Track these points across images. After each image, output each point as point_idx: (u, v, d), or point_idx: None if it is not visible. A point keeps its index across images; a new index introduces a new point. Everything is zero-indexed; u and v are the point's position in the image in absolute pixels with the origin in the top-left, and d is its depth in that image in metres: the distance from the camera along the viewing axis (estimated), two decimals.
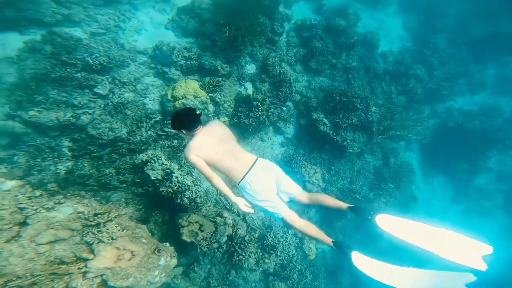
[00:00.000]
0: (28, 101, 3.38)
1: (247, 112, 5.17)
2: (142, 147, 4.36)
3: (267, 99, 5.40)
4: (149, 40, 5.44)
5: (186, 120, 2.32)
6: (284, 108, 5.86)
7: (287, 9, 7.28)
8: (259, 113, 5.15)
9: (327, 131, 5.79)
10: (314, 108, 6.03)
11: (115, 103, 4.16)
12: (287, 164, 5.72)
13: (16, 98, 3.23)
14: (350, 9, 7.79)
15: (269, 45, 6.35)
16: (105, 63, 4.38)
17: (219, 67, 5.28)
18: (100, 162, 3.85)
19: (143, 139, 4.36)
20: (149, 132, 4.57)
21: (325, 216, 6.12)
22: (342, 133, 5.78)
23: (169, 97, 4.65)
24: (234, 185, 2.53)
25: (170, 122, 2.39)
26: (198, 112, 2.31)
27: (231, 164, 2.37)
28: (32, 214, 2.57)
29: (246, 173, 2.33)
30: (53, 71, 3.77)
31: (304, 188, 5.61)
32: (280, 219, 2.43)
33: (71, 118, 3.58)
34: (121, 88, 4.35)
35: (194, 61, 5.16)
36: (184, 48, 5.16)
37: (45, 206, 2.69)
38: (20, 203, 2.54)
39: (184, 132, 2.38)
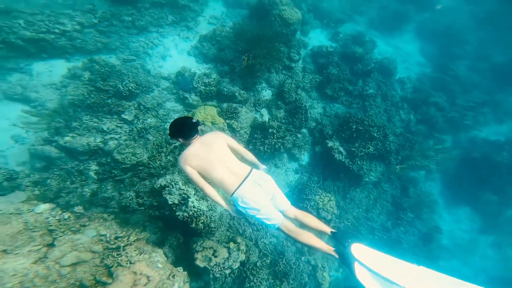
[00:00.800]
0: (65, 127, 3.75)
1: (262, 139, 5.34)
2: (161, 172, 4.59)
3: (282, 127, 5.56)
4: (173, 66, 5.90)
5: (183, 128, 2.36)
6: (299, 135, 5.99)
7: (303, 36, 7.66)
8: (274, 140, 5.30)
9: (343, 160, 5.81)
10: (329, 136, 6.10)
11: (139, 129, 4.48)
12: (301, 191, 5.74)
13: (55, 125, 3.60)
14: (366, 36, 8.05)
15: (285, 71, 6.63)
16: (133, 89, 4.79)
17: (236, 94, 5.57)
18: (121, 185, 4.10)
19: (162, 164, 4.61)
20: (168, 157, 4.81)
21: None
22: (358, 162, 5.77)
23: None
24: (228, 197, 2.52)
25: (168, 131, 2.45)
26: (194, 120, 2.36)
27: (224, 175, 2.36)
28: (60, 236, 2.77)
29: (239, 185, 2.33)
30: (88, 97, 4.18)
31: (318, 215, 5.61)
32: (277, 229, 2.45)
33: (100, 143, 3.90)
34: (145, 114, 4.70)
35: (213, 87, 5.49)
36: (204, 74, 5.54)
37: (72, 229, 2.91)
38: (50, 225, 2.76)
39: (181, 140, 2.43)
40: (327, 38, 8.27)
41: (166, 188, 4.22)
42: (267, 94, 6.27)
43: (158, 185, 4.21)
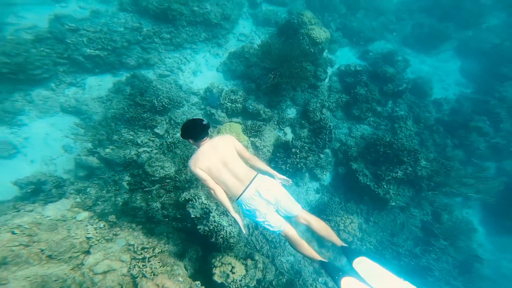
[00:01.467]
0: (107, 139, 4.18)
1: (284, 158, 5.40)
2: (186, 185, 4.86)
3: (305, 146, 5.59)
4: (202, 81, 6.27)
5: (194, 129, 2.44)
6: (322, 156, 5.96)
7: (331, 54, 7.67)
8: (297, 160, 5.34)
9: (368, 183, 5.66)
10: (354, 158, 5.99)
11: (169, 143, 4.81)
12: (322, 211, 5.67)
13: (99, 137, 4.04)
14: (399, 55, 7.83)
15: (311, 90, 6.68)
16: (166, 104, 5.17)
17: (261, 111, 5.73)
18: (149, 196, 4.41)
19: (188, 178, 4.87)
20: None
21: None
22: (385, 186, 5.58)
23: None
24: (233, 200, 2.59)
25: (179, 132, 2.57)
26: (205, 122, 2.45)
27: (230, 179, 2.43)
28: (95, 244, 3.08)
29: (244, 191, 2.39)
30: (128, 111, 4.61)
31: (339, 236, 5.46)
32: (279, 235, 2.53)
33: (134, 156, 4.27)
34: (174, 128, 5.04)
35: (239, 104, 5.72)
36: (231, 91, 5.79)
37: (106, 237, 3.20)
38: (88, 233, 3.08)
39: (191, 141, 2.53)
40: (355, 56, 8.19)
41: (190, 202, 4.46)
42: (291, 112, 6.37)
43: (183, 199, 4.46)
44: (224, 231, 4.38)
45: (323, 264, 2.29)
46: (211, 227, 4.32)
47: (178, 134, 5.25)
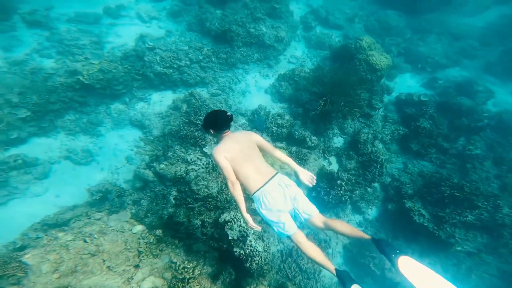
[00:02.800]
0: (162, 155, 4.62)
1: (327, 189, 5.25)
2: (226, 205, 5.04)
3: (352, 179, 5.35)
4: (250, 102, 6.50)
5: (217, 120, 2.49)
6: (369, 189, 5.63)
7: (389, 81, 7.25)
8: (342, 192, 5.15)
9: (425, 223, 5.20)
10: (408, 196, 5.54)
11: (214, 163, 5.06)
12: (363, 247, 5.37)
13: (157, 152, 4.49)
14: (479, 85, 6.95)
15: (362, 119, 6.39)
16: None
17: (307, 139, 5.68)
18: (191, 213, 4.69)
19: (228, 198, 5.06)
20: None
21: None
22: (448, 229, 5.06)
23: None
24: (248, 195, 2.57)
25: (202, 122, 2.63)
26: (228, 114, 2.50)
27: (250, 173, 2.43)
28: (144, 259, 3.38)
29: (263, 185, 2.39)
30: (182, 129, 5.02)
31: (383, 275, 5.04)
32: (287, 238, 2.44)
33: (183, 173, 4.61)
34: None
35: (285, 129, 5.76)
36: (278, 115, 5.88)
37: (153, 253, 3.50)
38: (140, 247, 3.40)
39: (212, 132, 2.56)
40: (419, 84, 7.58)
41: (229, 223, 4.61)
42: (338, 141, 6.18)
43: (222, 220, 4.63)
44: (259, 257, 4.42)
45: (337, 271, 2.22)
46: (247, 251, 4.39)
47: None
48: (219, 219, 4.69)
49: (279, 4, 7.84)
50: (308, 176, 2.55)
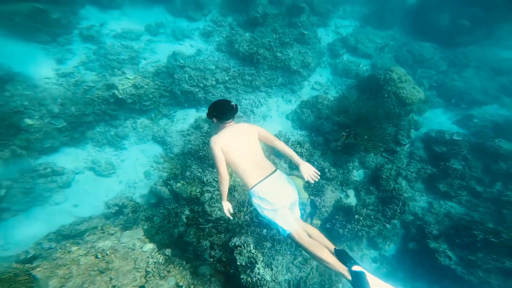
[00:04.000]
0: (180, 173, 4.80)
1: (343, 222, 5.15)
2: (237, 229, 5.05)
3: (371, 215, 5.18)
4: (271, 127, 6.60)
5: (221, 108, 2.53)
6: (388, 226, 5.44)
7: (417, 115, 7.03)
8: (358, 227, 5.05)
9: (452, 266, 4.94)
10: (433, 237, 5.32)
11: (230, 186, 5.14)
12: None
13: (175, 171, 4.68)
14: None
15: (386, 154, 6.23)
16: None
17: (326, 170, 5.64)
18: (201, 234, 4.75)
19: (240, 222, 5.07)
20: (246, 216, 5.27)
21: None
22: (481, 275, 4.78)
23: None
24: (246, 190, 2.66)
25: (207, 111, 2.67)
26: (233, 103, 2.55)
27: (248, 167, 2.42)
28: (151, 280, 3.45)
29: (261, 180, 2.36)
30: (202, 149, 5.20)
31: None
32: (287, 235, 2.34)
33: (198, 193, 4.74)
34: None
35: (304, 158, 5.73)
36: (298, 143, 5.90)
37: (161, 274, 3.57)
38: (148, 267, 3.49)
39: (215, 121, 2.60)
40: (451, 121, 7.28)
41: (238, 248, 4.60)
42: (358, 174, 6.09)
43: (232, 244, 4.64)
44: (267, 286, 4.32)
45: (352, 272, 2.10)
46: (255, 279, 4.33)
47: (239, 179, 5.59)
48: (229, 243, 4.71)
49: (308, 31, 8.09)
50: (310, 171, 2.42)
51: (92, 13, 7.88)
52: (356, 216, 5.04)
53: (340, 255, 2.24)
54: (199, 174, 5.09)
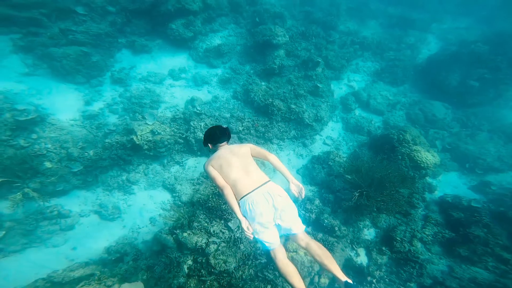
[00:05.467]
0: (188, 223, 4.95)
1: (355, 283, 4.97)
2: (240, 284, 4.98)
3: (386, 278, 5.10)
4: (280, 181, 6.73)
5: (214, 134, 2.77)
6: None
7: (431, 178, 7.14)
8: None
9: None
10: None
11: (236, 238, 5.21)
12: None
13: (183, 221, 4.84)
14: None
15: (399, 216, 6.21)
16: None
17: (336, 228, 5.68)
18: (202, 286, 4.71)
19: (244, 276, 5.04)
20: (250, 270, 5.23)
21: None
22: None
23: None
24: (237, 201, 2.57)
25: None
26: (224, 126, 2.79)
27: (240, 177, 2.54)
28: None
29: (251, 192, 2.44)
30: (211, 200, 5.40)
31: None
32: (267, 251, 2.45)
33: (204, 244, 4.83)
34: None
35: (313, 215, 5.85)
36: (307, 199, 6.04)
37: None
38: None
39: (210, 146, 2.82)
40: (467, 186, 7.35)
41: None
42: (369, 233, 6.11)
43: None
44: None
45: None
46: None
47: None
48: None
49: (322, 84, 8.74)
50: (298, 188, 2.76)
51: (126, 56, 8.84)
52: (369, 278, 5.04)
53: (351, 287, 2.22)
54: (206, 224, 5.22)
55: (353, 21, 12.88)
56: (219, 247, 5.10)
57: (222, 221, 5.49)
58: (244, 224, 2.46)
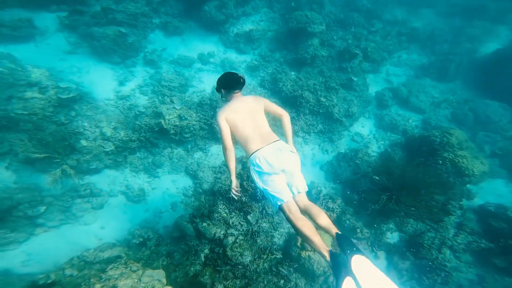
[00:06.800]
0: (208, 213, 5.20)
1: None
2: (254, 276, 5.18)
3: (406, 283, 5.07)
4: (304, 176, 6.74)
5: (229, 79, 2.87)
6: None
7: (471, 184, 6.62)
8: None
9: None
10: None
11: (253, 231, 5.37)
12: None
13: (203, 211, 5.09)
14: None
15: (429, 221, 5.92)
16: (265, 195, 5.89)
17: (358, 230, 5.66)
18: (217, 276, 4.98)
19: (258, 269, 5.22)
20: (265, 264, 5.39)
21: None
22: None
23: (298, 243, 5.37)
24: (246, 156, 2.76)
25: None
26: (240, 75, 2.89)
27: (251, 133, 2.66)
28: None
29: (262, 147, 2.56)
30: (229, 190, 5.55)
31: None
32: (278, 207, 2.47)
33: (222, 235, 5.05)
34: (263, 218, 5.60)
35: (334, 214, 5.82)
36: (330, 197, 6.01)
37: None
38: None
39: (223, 91, 2.95)
40: None
41: None
42: (392, 237, 6.04)
43: None
44: None
45: (332, 254, 2.11)
46: None
47: (264, 224, 5.80)
48: None
49: (357, 77, 8.35)
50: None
51: (159, 37, 9.14)
52: None
53: (341, 240, 2.20)
54: (225, 215, 5.43)
55: (403, 8, 11.94)
56: (237, 240, 5.29)
57: (242, 214, 5.66)
58: (234, 184, 2.73)
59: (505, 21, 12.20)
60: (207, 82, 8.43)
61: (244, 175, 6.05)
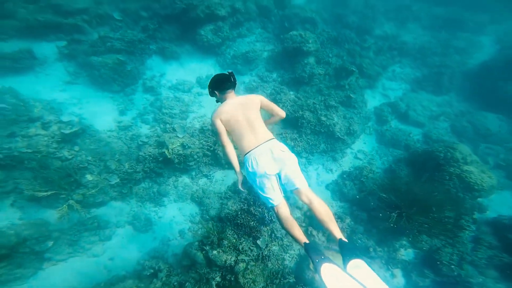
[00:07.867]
0: (217, 241, 5.32)
1: None
2: None
3: None
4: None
5: (218, 80, 3.01)
6: None
7: (482, 197, 6.85)
8: None
9: None
10: None
11: (264, 255, 5.48)
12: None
13: (212, 238, 5.22)
14: None
15: (443, 237, 6.06)
16: (273, 218, 6.04)
17: (370, 249, 5.81)
18: None
19: None
20: None
21: None
22: None
23: (311, 266, 5.47)
24: (241, 156, 2.87)
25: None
26: (228, 72, 3.03)
27: (245, 133, 2.80)
28: None
29: (256, 147, 2.70)
30: (239, 216, 5.72)
31: None
32: (271, 207, 2.70)
33: (233, 262, 5.15)
34: (272, 241, 5.73)
35: (344, 234, 5.89)
36: (337, 217, 6.15)
37: None
38: None
39: (217, 94, 3.09)
40: None
41: None
42: (407, 254, 6.11)
43: None
44: None
45: (306, 245, 2.42)
46: None
47: (274, 248, 5.92)
48: None
49: (355, 94, 8.74)
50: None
51: (157, 63, 9.47)
52: None
53: (344, 247, 2.33)
54: (234, 241, 5.55)
55: (391, 23, 12.71)
56: (248, 266, 5.39)
57: (251, 239, 5.79)
58: (240, 179, 2.91)
59: (486, 32, 13.06)
60: (207, 106, 8.70)
61: (251, 200, 6.24)
